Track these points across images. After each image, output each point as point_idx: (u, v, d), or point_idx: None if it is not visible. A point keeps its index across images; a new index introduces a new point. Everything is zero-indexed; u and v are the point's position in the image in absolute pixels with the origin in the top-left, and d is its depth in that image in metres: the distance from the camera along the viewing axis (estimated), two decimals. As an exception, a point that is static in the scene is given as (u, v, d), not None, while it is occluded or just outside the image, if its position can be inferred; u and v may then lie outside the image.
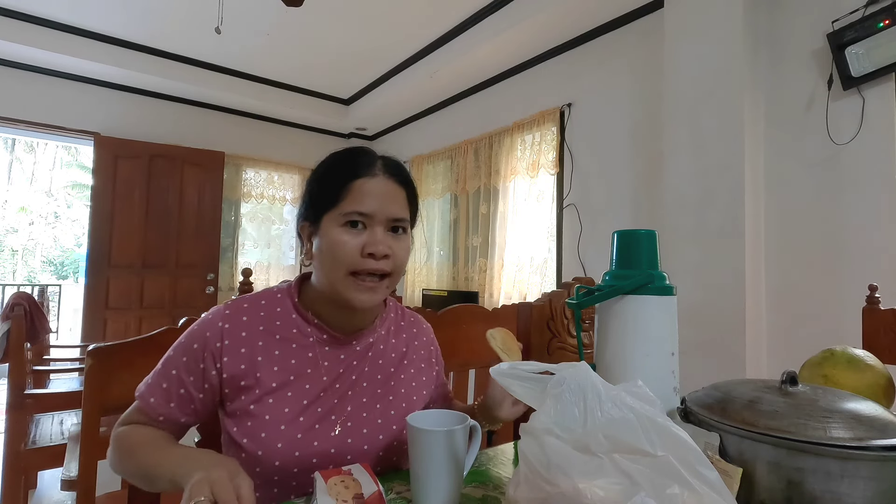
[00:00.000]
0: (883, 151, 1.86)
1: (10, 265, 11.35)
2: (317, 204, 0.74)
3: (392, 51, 3.72)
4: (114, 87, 4.04)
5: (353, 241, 0.71)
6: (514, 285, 3.41)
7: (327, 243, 0.72)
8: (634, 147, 2.74)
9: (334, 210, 0.72)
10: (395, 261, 0.73)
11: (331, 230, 0.72)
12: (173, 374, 0.73)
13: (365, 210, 0.71)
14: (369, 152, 0.77)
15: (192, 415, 0.74)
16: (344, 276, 0.71)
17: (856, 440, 0.47)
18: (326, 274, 0.73)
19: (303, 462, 0.70)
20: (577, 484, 0.43)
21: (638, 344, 0.69)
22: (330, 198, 0.72)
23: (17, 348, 1.79)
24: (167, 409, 0.72)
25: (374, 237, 0.71)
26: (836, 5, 1.96)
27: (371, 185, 0.72)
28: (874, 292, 1.44)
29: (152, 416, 0.72)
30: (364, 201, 0.71)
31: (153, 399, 0.72)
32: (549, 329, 1.23)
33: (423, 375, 0.87)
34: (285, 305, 0.77)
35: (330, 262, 0.72)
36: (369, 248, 0.70)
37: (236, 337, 0.73)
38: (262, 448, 0.69)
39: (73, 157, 11.44)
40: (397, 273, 0.75)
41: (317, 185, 0.76)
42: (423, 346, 0.89)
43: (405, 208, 0.76)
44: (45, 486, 2.29)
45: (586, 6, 2.72)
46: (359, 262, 0.71)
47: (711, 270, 2.16)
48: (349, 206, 0.71)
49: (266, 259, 4.92)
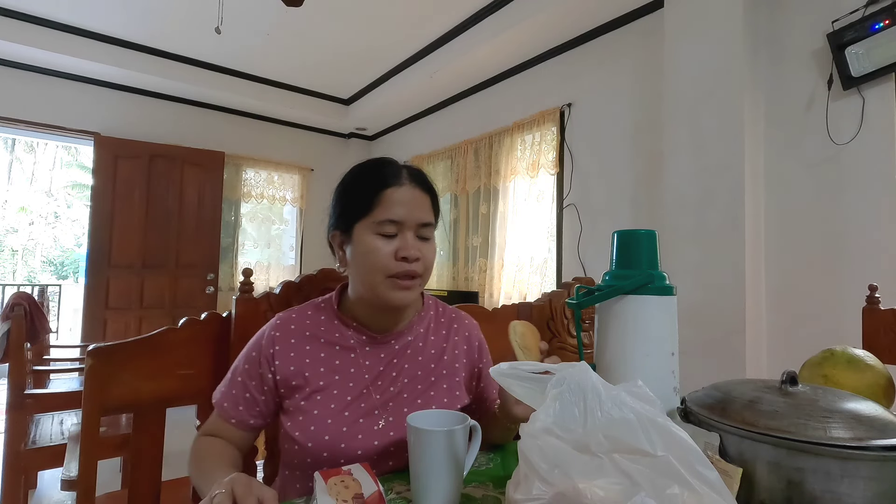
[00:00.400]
0: (883, 151, 1.86)
1: (10, 265, 11.35)
2: (348, 213, 0.80)
3: (392, 51, 3.72)
4: (114, 87, 4.04)
5: (386, 248, 0.77)
6: (514, 285, 3.41)
7: (363, 250, 0.78)
8: (634, 147, 2.74)
9: (367, 219, 0.78)
10: (424, 262, 0.80)
11: (365, 237, 0.78)
12: (239, 381, 0.81)
13: (396, 218, 0.77)
14: (394, 162, 0.83)
15: (259, 416, 0.82)
16: (382, 280, 0.78)
17: (856, 440, 0.47)
18: (364, 278, 0.79)
19: (348, 454, 0.76)
20: (577, 484, 0.43)
21: (638, 344, 0.69)
22: (362, 207, 0.78)
23: (17, 348, 1.79)
24: (237, 412, 0.81)
25: (405, 242, 0.78)
26: (836, 5, 1.96)
27: (400, 193, 0.78)
28: (874, 292, 1.44)
29: (226, 419, 0.81)
30: (395, 209, 0.77)
31: (226, 404, 0.81)
32: (549, 329, 1.23)
33: (465, 371, 0.90)
34: (327, 313, 0.85)
35: (368, 268, 0.78)
36: (402, 253, 0.77)
37: (286, 343, 0.81)
38: (311, 440, 0.76)
39: (73, 157, 11.45)
40: (427, 273, 0.82)
41: (346, 196, 0.82)
42: (464, 340, 0.92)
43: (431, 213, 0.82)
44: (45, 486, 2.29)
45: (586, 6, 2.72)
46: (394, 266, 0.77)
47: (711, 270, 2.16)
48: (381, 214, 0.77)
49: (266, 259, 4.92)
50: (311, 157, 5.07)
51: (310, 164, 5.04)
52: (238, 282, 2.51)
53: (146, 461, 0.89)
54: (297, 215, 5.03)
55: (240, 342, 0.95)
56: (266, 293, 1.01)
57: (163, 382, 0.90)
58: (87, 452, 0.83)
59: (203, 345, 0.95)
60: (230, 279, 4.57)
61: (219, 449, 0.79)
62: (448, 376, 0.87)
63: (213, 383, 0.95)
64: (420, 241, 0.80)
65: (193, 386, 0.94)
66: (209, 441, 0.81)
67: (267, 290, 1.03)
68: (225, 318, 0.98)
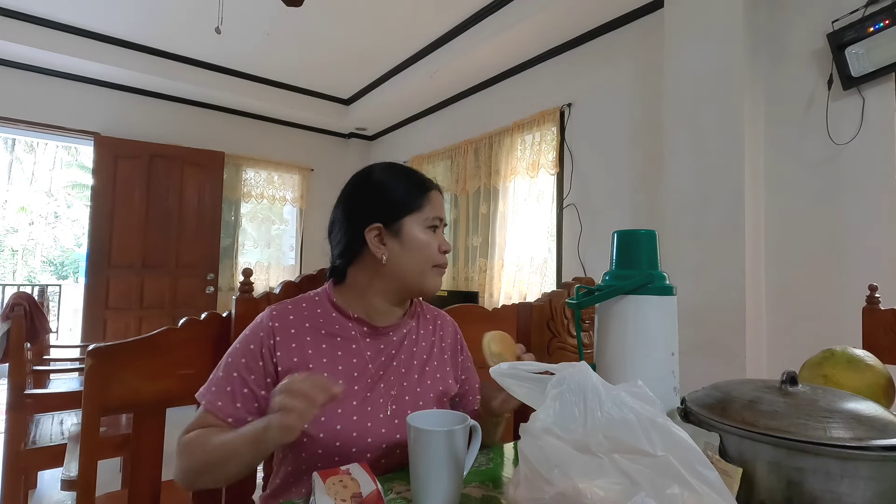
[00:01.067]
0: (883, 151, 1.86)
1: (10, 265, 11.35)
2: (395, 209, 0.86)
3: (392, 51, 3.72)
4: (114, 87, 4.04)
5: (434, 241, 0.87)
6: (514, 285, 3.41)
7: (417, 243, 0.86)
8: (634, 147, 2.74)
9: (418, 214, 0.86)
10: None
11: (417, 231, 0.86)
12: (235, 377, 0.80)
13: (441, 216, 0.89)
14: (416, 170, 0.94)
15: (257, 413, 0.79)
16: (429, 268, 0.87)
17: (856, 440, 0.47)
18: (415, 267, 0.86)
19: (359, 442, 0.79)
20: (577, 484, 0.43)
21: (638, 344, 0.69)
22: (413, 204, 0.86)
23: (17, 348, 1.79)
24: (234, 410, 0.78)
25: (442, 238, 0.90)
26: (836, 5, 1.96)
27: (437, 196, 0.90)
28: (874, 292, 1.44)
29: (221, 419, 0.78)
30: (438, 209, 0.89)
31: (220, 402, 0.78)
32: (549, 329, 1.23)
33: (451, 363, 0.96)
34: (324, 306, 0.88)
35: (418, 259, 0.86)
36: (444, 247, 0.89)
37: (287, 333, 0.82)
38: (323, 431, 0.77)
39: (73, 157, 11.45)
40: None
41: (392, 194, 0.87)
42: (448, 335, 0.99)
43: None
44: (45, 486, 2.29)
45: (586, 6, 2.72)
46: (439, 257, 0.88)
47: (711, 270, 2.16)
48: (432, 212, 0.87)
49: (266, 259, 4.92)
50: (311, 157, 5.07)
51: (310, 164, 5.04)
52: (238, 282, 2.51)
53: (146, 461, 0.89)
54: (297, 215, 5.03)
55: (240, 342, 0.95)
56: (266, 293, 1.01)
57: (163, 382, 0.90)
58: (87, 452, 0.83)
59: (203, 345, 0.95)
60: (230, 279, 4.57)
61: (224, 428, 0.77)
62: (440, 366, 0.93)
63: (213, 383, 0.95)
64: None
65: (193, 386, 0.93)
66: (206, 429, 0.76)
67: (267, 290, 1.04)
68: (225, 319, 0.98)
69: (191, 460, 0.73)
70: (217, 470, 0.71)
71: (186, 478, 0.74)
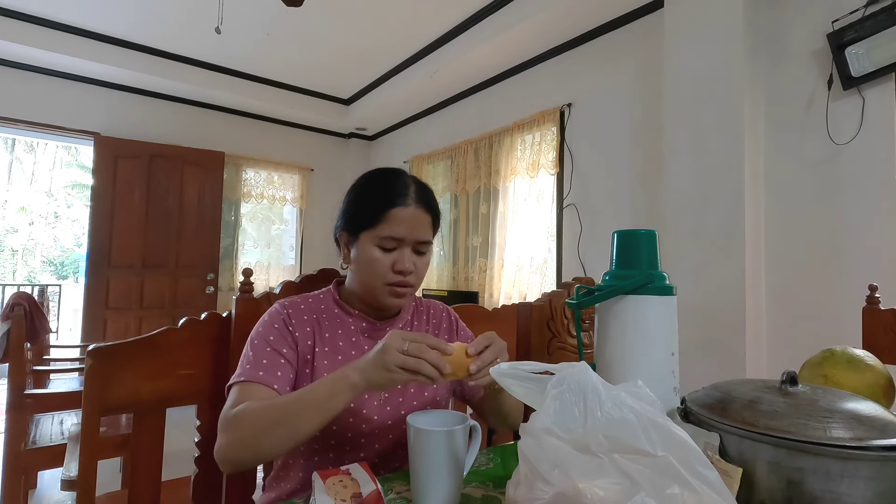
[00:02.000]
0: (883, 151, 1.86)
1: (10, 265, 11.35)
2: (356, 222, 0.87)
3: (392, 51, 3.72)
4: (114, 87, 4.04)
5: (385, 260, 0.84)
6: (514, 285, 3.41)
7: (365, 258, 0.85)
8: (634, 147, 2.74)
9: (372, 231, 0.84)
10: (417, 274, 0.88)
11: (368, 247, 0.85)
12: (269, 351, 0.81)
13: (397, 235, 0.84)
14: (404, 179, 0.88)
15: (292, 386, 0.83)
16: (380, 286, 0.85)
17: (856, 440, 0.47)
18: (363, 282, 0.87)
19: (356, 428, 0.83)
20: (577, 484, 0.43)
21: (638, 344, 0.69)
22: (368, 220, 0.85)
23: (17, 348, 1.79)
24: (277, 378, 0.80)
25: (402, 257, 0.85)
26: (836, 5, 1.96)
27: (404, 213, 0.84)
28: (874, 292, 1.44)
29: (268, 386, 0.78)
30: (397, 228, 0.84)
31: (262, 373, 0.79)
32: (549, 329, 1.23)
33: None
34: (328, 303, 0.92)
35: (367, 274, 0.86)
36: (398, 267, 0.84)
37: (300, 321, 0.86)
38: (350, 437, 0.82)
39: (73, 157, 11.45)
40: (419, 282, 0.90)
41: (356, 205, 0.88)
42: (442, 321, 1.02)
43: (429, 231, 0.89)
44: (45, 486, 2.29)
45: (586, 6, 2.72)
46: (390, 277, 0.85)
47: (711, 270, 2.16)
48: (385, 230, 0.84)
49: (266, 259, 4.92)
50: (311, 157, 5.07)
51: (310, 164, 5.04)
52: (238, 282, 2.51)
53: (146, 461, 0.89)
54: (297, 215, 5.03)
55: (240, 342, 0.95)
56: (266, 293, 1.01)
57: (163, 382, 0.90)
58: (87, 452, 0.83)
59: (203, 345, 0.95)
60: (230, 279, 4.57)
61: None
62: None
63: (213, 383, 0.95)
64: (416, 255, 0.87)
65: (193, 386, 0.94)
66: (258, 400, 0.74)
67: (267, 290, 1.04)
68: (225, 318, 0.98)
69: (250, 426, 0.70)
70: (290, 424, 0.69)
71: (238, 449, 0.70)
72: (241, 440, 0.70)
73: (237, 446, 0.71)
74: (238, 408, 0.73)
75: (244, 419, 0.71)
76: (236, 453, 0.71)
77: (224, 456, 0.72)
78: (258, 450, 0.71)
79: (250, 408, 0.72)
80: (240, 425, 0.71)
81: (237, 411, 0.72)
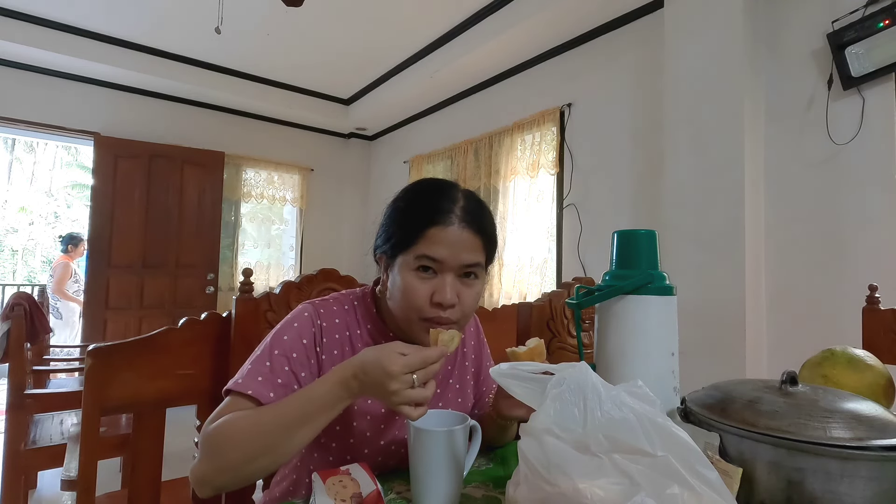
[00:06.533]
0: (883, 151, 1.86)
1: (10, 265, 11.34)
2: (392, 241, 0.76)
3: (392, 51, 3.72)
4: (114, 87, 4.04)
5: (423, 288, 0.72)
6: (514, 285, 3.41)
7: (400, 285, 0.74)
8: (634, 147, 2.74)
9: (408, 252, 0.73)
10: (462, 308, 0.74)
11: (404, 272, 0.74)
12: (287, 371, 0.73)
13: (436, 256, 0.72)
14: (451, 194, 0.76)
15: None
16: (416, 320, 0.73)
17: (856, 440, 0.47)
18: (398, 312, 0.76)
19: (356, 428, 0.78)
20: (577, 484, 0.43)
21: (638, 344, 0.69)
22: (405, 240, 0.74)
23: (17, 348, 1.79)
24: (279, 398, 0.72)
25: (442, 284, 0.72)
26: (836, 5, 1.96)
27: (445, 234, 0.72)
28: (874, 292, 1.44)
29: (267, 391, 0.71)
30: (435, 248, 0.72)
31: (272, 394, 0.70)
32: (549, 329, 1.23)
33: (472, 367, 0.95)
34: (362, 314, 0.83)
35: (402, 305, 0.74)
36: (437, 298, 0.71)
37: (331, 336, 0.79)
38: (352, 436, 0.79)
39: (73, 157, 11.44)
40: (465, 318, 0.76)
41: (393, 221, 0.77)
42: (470, 336, 0.96)
43: (479, 254, 0.76)
44: (45, 486, 2.29)
45: (586, 6, 2.72)
46: (427, 311, 0.72)
47: (711, 270, 2.16)
48: (421, 249, 0.72)
49: (266, 259, 4.92)
50: (311, 157, 5.07)
51: (310, 164, 5.04)
52: (238, 282, 2.51)
53: (146, 461, 0.89)
54: (297, 215, 5.03)
55: (240, 342, 0.95)
56: (266, 293, 1.01)
57: (163, 382, 0.90)
58: (87, 452, 0.83)
59: (203, 345, 0.95)
60: (230, 279, 4.57)
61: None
62: (461, 376, 0.92)
63: (213, 383, 0.95)
64: (460, 284, 0.74)
65: (193, 386, 0.94)
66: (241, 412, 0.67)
67: (267, 290, 1.03)
68: (225, 319, 0.98)
69: (239, 443, 0.63)
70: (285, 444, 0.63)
71: (223, 468, 0.63)
72: (223, 457, 0.64)
73: (221, 463, 0.64)
74: (218, 422, 0.66)
75: (223, 436, 0.64)
76: (218, 478, 0.64)
77: (203, 480, 0.64)
78: (244, 475, 0.64)
79: (232, 425, 0.65)
80: (220, 442, 0.64)
81: (218, 426, 0.65)
